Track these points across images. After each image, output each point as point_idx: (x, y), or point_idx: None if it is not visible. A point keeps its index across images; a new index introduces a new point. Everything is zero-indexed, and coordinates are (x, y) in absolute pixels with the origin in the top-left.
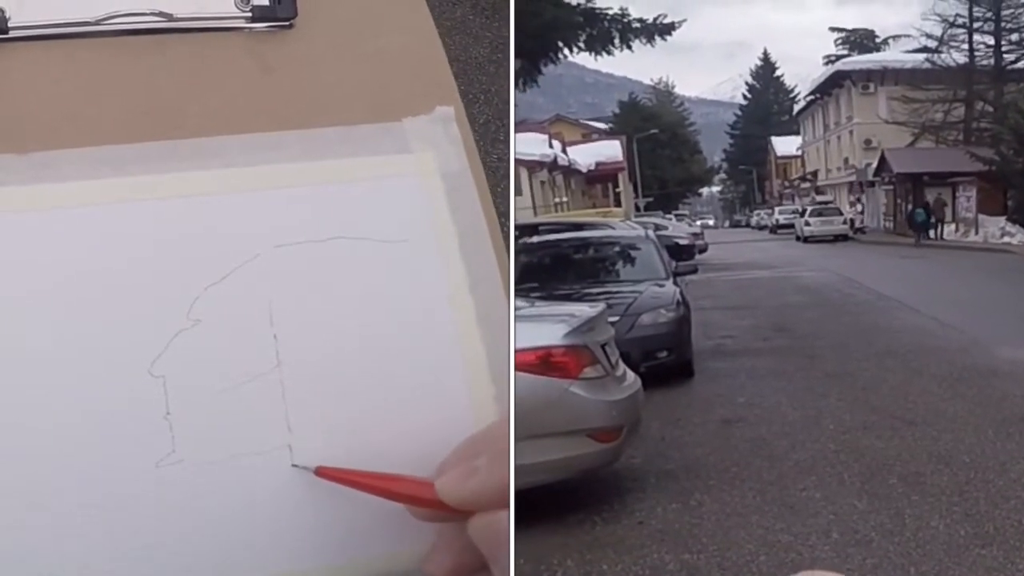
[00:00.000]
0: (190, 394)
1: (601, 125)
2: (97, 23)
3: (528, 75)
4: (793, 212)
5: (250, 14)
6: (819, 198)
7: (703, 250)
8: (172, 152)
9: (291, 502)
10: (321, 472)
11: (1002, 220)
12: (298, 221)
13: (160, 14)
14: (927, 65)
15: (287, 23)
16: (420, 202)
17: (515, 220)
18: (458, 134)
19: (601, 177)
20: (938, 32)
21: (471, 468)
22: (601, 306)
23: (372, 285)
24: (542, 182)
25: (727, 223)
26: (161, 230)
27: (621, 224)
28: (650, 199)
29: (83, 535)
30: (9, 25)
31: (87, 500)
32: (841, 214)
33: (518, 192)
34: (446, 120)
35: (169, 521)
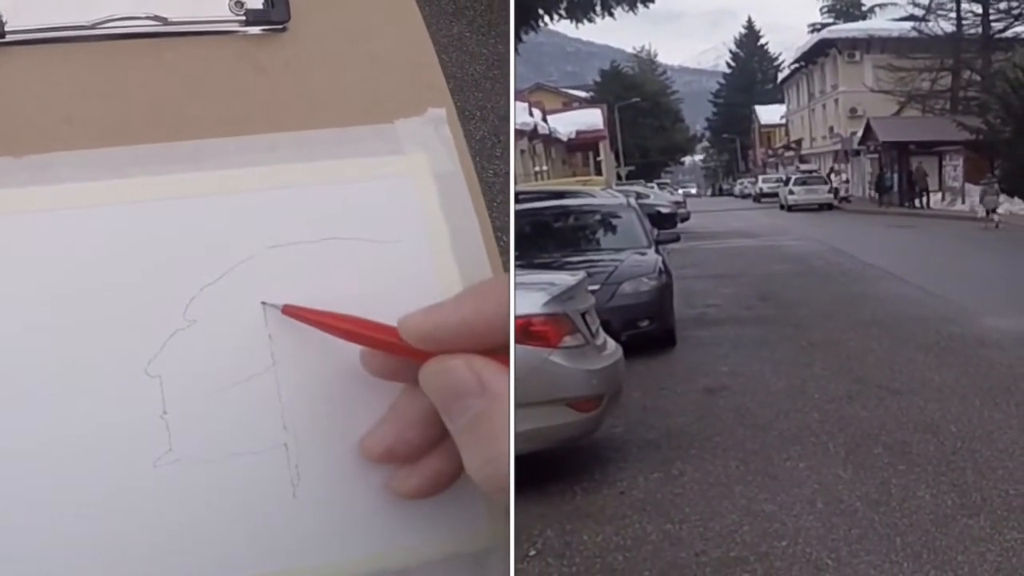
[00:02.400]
0: (186, 393)
1: (582, 94)
2: (93, 27)
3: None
4: (777, 181)
5: (244, 17)
6: (803, 167)
7: (685, 219)
8: (168, 154)
9: (287, 500)
10: (287, 311)
11: None
12: (292, 222)
13: (155, 18)
14: (914, 33)
15: (280, 26)
16: (413, 203)
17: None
18: (450, 135)
19: (582, 146)
20: (925, 0)
21: (436, 305)
22: (581, 274)
23: (366, 285)
24: (522, 151)
25: (709, 192)
26: (157, 231)
27: (602, 192)
28: (632, 168)
29: (82, 535)
30: (5, 29)
31: (85, 500)
32: (826, 183)
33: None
34: (438, 121)
35: (166, 520)
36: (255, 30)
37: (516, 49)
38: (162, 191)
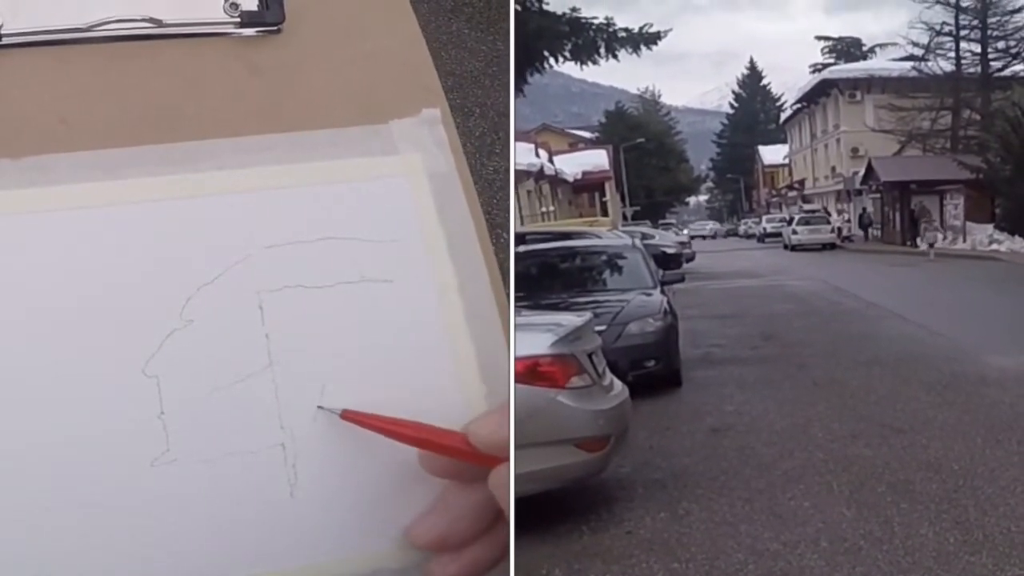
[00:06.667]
0: (184, 394)
1: (587, 134)
2: (89, 29)
3: (514, 84)
4: (780, 221)
5: (239, 19)
6: (806, 207)
7: (690, 259)
8: (164, 155)
9: (285, 500)
10: (347, 416)
11: (990, 228)
12: (288, 222)
13: (150, 20)
14: (914, 73)
15: (275, 28)
16: (408, 203)
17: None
18: (444, 136)
19: (588, 186)
20: (925, 40)
21: (507, 415)
22: (588, 315)
23: (361, 285)
24: (528, 192)
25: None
26: (154, 232)
27: (608, 233)
28: (637, 208)
29: (80, 534)
30: (2, 32)
31: (84, 499)
32: (829, 222)
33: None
34: (432, 122)
35: (164, 519)
36: (250, 31)
37: (522, 90)
38: (158, 192)
